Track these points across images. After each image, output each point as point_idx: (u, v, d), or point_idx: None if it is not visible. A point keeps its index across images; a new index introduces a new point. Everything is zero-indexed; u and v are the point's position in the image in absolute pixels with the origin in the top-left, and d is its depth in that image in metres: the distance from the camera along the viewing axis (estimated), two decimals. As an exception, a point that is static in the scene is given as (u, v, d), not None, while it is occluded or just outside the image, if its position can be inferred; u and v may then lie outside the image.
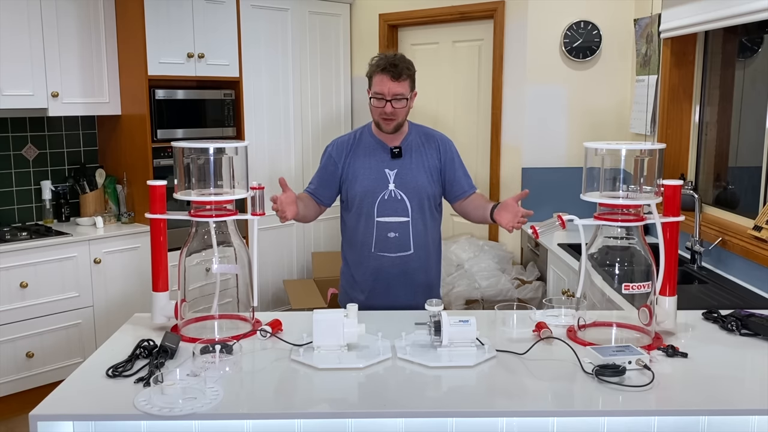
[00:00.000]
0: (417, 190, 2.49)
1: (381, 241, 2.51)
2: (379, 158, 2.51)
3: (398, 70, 2.39)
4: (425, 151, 2.53)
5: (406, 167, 2.50)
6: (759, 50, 3.24)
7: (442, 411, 1.62)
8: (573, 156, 4.25)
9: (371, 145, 2.53)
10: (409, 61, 2.46)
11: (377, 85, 2.42)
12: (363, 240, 2.53)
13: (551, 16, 4.21)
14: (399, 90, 2.40)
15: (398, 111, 2.42)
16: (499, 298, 3.90)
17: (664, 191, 1.97)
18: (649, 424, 1.63)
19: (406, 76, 2.41)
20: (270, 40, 4.61)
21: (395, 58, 2.42)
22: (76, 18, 3.85)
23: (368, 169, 2.50)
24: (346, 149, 2.54)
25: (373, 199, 2.48)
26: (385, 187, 2.48)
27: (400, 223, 2.49)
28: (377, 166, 2.50)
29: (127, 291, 3.91)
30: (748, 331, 2.03)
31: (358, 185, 2.50)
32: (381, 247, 2.51)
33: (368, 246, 2.52)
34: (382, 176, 2.49)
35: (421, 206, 2.51)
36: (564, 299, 2.26)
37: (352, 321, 1.88)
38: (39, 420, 1.56)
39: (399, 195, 2.48)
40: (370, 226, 2.51)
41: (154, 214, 2.02)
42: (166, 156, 4.02)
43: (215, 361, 1.79)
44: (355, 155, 2.53)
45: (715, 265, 3.09)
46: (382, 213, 2.49)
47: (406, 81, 2.41)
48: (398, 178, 2.48)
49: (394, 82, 2.39)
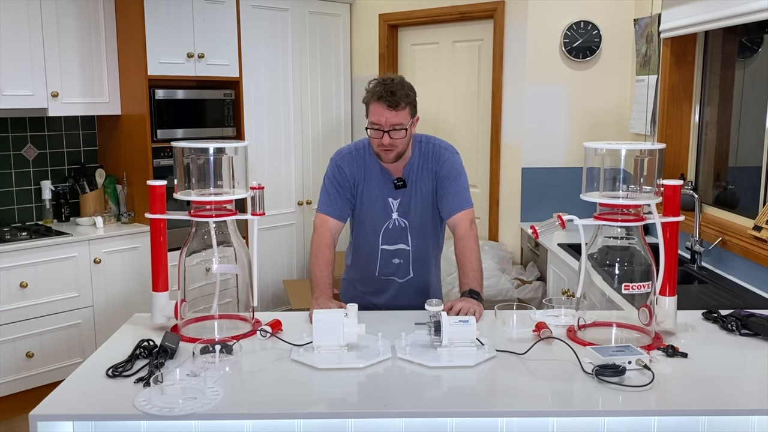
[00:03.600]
0: (417, 218, 2.43)
1: (385, 266, 2.47)
2: (383, 186, 2.41)
3: (396, 98, 2.21)
4: (421, 174, 2.41)
5: (408, 196, 2.41)
6: (759, 50, 3.24)
7: (442, 411, 1.62)
8: (573, 156, 4.25)
9: (377, 171, 2.40)
10: (409, 86, 2.28)
11: (374, 114, 2.25)
12: (367, 264, 2.50)
13: (551, 16, 4.21)
14: (397, 120, 2.23)
15: (397, 142, 2.27)
16: (499, 298, 3.90)
17: (664, 191, 1.97)
18: (649, 424, 1.63)
19: (405, 103, 2.23)
20: (270, 40, 4.61)
21: (393, 85, 2.23)
22: (76, 18, 3.85)
23: (375, 197, 2.42)
24: (357, 167, 2.41)
25: (378, 228, 2.43)
26: (389, 216, 2.42)
27: (403, 250, 2.45)
28: (382, 194, 2.41)
29: (127, 291, 3.91)
30: (748, 331, 2.03)
31: (365, 212, 2.43)
32: (385, 272, 2.48)
33: (372, 270, 2.49)
34: (386, 205, 2.42)
35: (422, 233, 2.45)
36: (564, 299, 2.26)
37: (352, 321, 1.88)
38: (39, 420, 1.56)
39: (402, 223, 2.42)
40: (374, 253, 2.46)
41: (154, 214, 2.02)
42: (166, 156, 4.02)
43: (215, 361, 1.79)
44: (363, 179, 2.41)
45: (715, 265, 3.09)
46: (386, 241, 2.44)
47: (405, 109, 2.24)
48: (401, 207, 2.41)
49: (391, 112, 2.21)
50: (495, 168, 4.50)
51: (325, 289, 2.31)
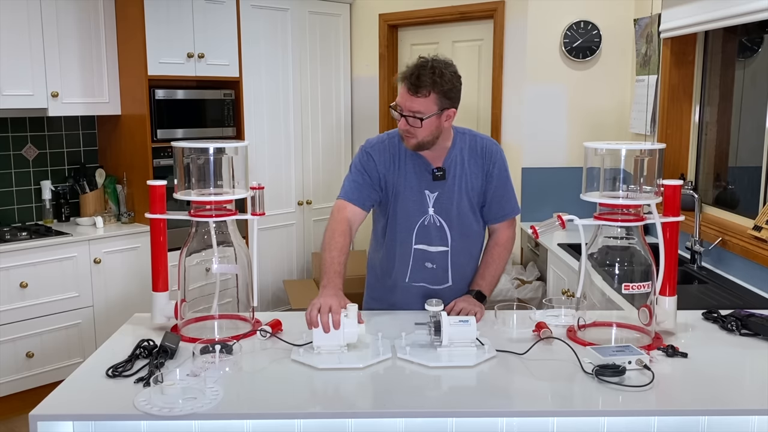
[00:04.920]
0: (459, 216, 2.21)
1: (417, 270, 2.25)
2: (419, 177, 2.18)
3: (419, 83, 2.03)
4: (469, 169, 2.19)
5: (448, 190, 2.18)
6: (759, 50, 3.24)
7: (442, 411, 1.62)
8: (573, 156, 4.25)
9: (412, 160, 2.18)
10: (446, 74, 2.05)
11: (399, 94, 2.08)
12: (398, 267, 2.27)
13: (551, 16, 4.21)
14: (415, 107, 2.05)
15: (415, 131, 2.08)
16: (499, 298, 3.90)
17: (664, 191, 1.97)
18: (649, 424, 1.63)
19: (430, 91, 2.03)
20: (270, 40, 4.61)
21: (424, 69, 2.03)
22: (76, 18, 3.85)
23: (409, 189, 2.18)
24: (388, 157, 2.20)
25: (412, 224, 2.21)
26: (425, 211, 2.19)
27: (440, 252, 2.22)
28: (418, 186, 2.18)
29: (127, 291, 3.91)
30: (748, 331, 2.03)
31: (399, 206, 2.20)
32: (416, 278, 2.26)
33: (403, 275, 2.27)
34: (422, 199, 2.18)
35: (464, 234, 2.23)
36: (564, 299, 2.26)
37: (352, 321, 1.88)
38: (39, 420, 1.56)
39: (438, 221, 2.20)
40: (407, 254, 2.24)
41: (154, 214, 2.02)
42: (166, 156, 4.02)
43: (215, 361, 1.79)
44: (397, 168, 2.19)
45: (715, 265, 3.09)
46: (420, 240, 2.22)
47: (428, 97, 2.04)
48: (438, 202, 2.19)
49: (411, 97, 2.05)
50: (495, 168, 4.50)
51: (334, 277, 2.02)
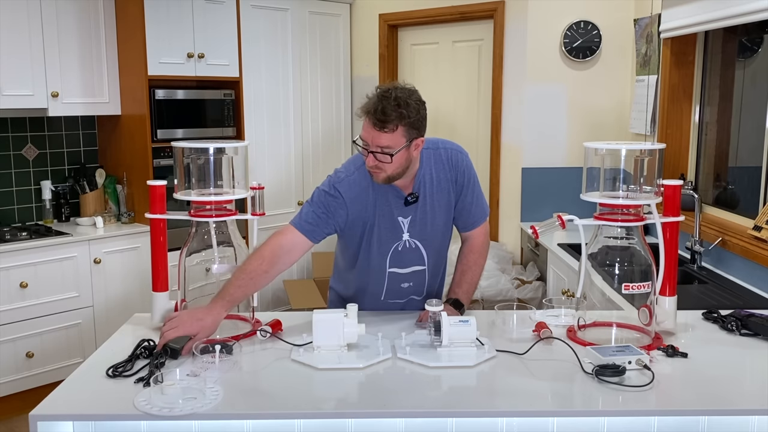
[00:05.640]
0: (434, 234, 2.17)
1: (393, 291, 2.23)
2: (392, 205, 2.10)
3: (385, 117, 1.90)
4: (438, 186, 2.13)
5: (420, 212, 2.12)
6: (759, 50, 3.24)
7: (442, 411, 1.62)
8: (573, 156, 4.25)
9: (383, 190, 2.08)
10: (410, 104, 1.93)
11: (363, 129, 1.97)
12: (372, 289, 2.23)
13: (551, 16, 4.21)
14: (383, 142, 1.93)
15: (384, 166, 1.97)
16: (499, 298, 3.90)
17: (664, 191, 1.97)
18: (649, 424, 1.63)
19: (397, 125, 1.91)
20: (270, 40, 4.61)
21: (388, 100, 1.90)
22: (76, 18, 3.85)
23: (382, 218, 2.10)
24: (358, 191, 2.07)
25: (386, 251, 2.14)
26: (399, 237, 2.13)
27: (415, 272, 2.20)
28: (390, 215, 2.10)
29: (127, 291, 3.91)
30: (748, 331, 2.03)
31: (374, 237, 2.12)
32: (392, 296, 2.24)
33: (377, 295, 2.24)
34: (396, 225, 2.12)
35: (441, 250, 2.23)
36: (564, 299, 2.26)
37: (352, 321, 1.88)
38: (39, 420, 1.56)
39: (413, 244, 2.15)
40: (381, 278, 2.20)
41: (154, 214, 2.02)
42: (166, 156, 4.02)
43: (215, 361, 1.79)
44: (367, 202, 2.09)
45: (715, 265, 3.09)
46: (395, 264, 2.17)
47: (395, 131, 1.92)
48: (413, 226, 2.13)
49: (377, 132, 1.93)
50: (495, 168, 4.50)
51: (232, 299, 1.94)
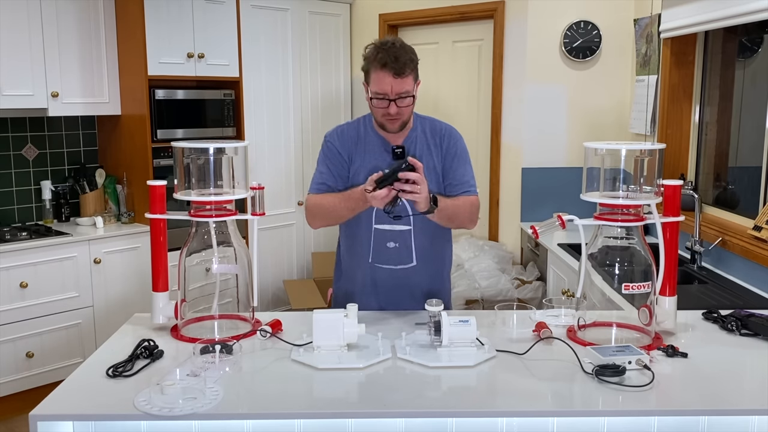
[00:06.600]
0: None
1: (379, 251, 2.27)
2: (380, 158, 2.22)
3: (401, 64, 2.08)
4: (431, 150, 2.24)
5: None
6: (759, 50, 3.24)
7: (442, 411, 1.62)
8: (573, 156, 4.25)
9: (373, 143, 2.24)
10: (411, 50, 2.15)
11: (377, 83, 2.11)
12: (359, 249, 2.30)
13: (551, 16, 4.21)
14: (403, 88, 2.11)
15: (404, 110, 2.15)
16: (499, 298, 3.90)
17: (664, 191, 1.97)
18: (649, 424, 1.63)
19: (410, 69, 2.11)
20: (270, 40, 4.61)
21: (396, 50, 2.09)
22: (76, 18, 3.85)
23: (368, 170, 2.18)
24: (350, 142, 2.26)
25: None
26: None
27: (401, 232, 2.24)
28: (378, 167, 2.16)
29: (127, 291, 3.91)
30: (748, 331, 2.03)
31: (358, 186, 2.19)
32: (379, 258, 2.28)
33: (365, 256, 2.29)
34: None
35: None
36: (564, 299, 2.26)
37: (352, 321, 1.88)
38: (39, 420, 1.56)
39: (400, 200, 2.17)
40: (368, 234, 2.26)
41: (154, 214, 2.02)
42: (166, 156, 4.02)
43: (215, 361, 1.79)
44: (358, 151, 2.25)
45: (715, 265, 3.09)
46: (380, 220, 2.23)
47: (410, 75, 2.12)
48: None
49: (397, 80, 2.09)
50: (495, 168, 4.50)
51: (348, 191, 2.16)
